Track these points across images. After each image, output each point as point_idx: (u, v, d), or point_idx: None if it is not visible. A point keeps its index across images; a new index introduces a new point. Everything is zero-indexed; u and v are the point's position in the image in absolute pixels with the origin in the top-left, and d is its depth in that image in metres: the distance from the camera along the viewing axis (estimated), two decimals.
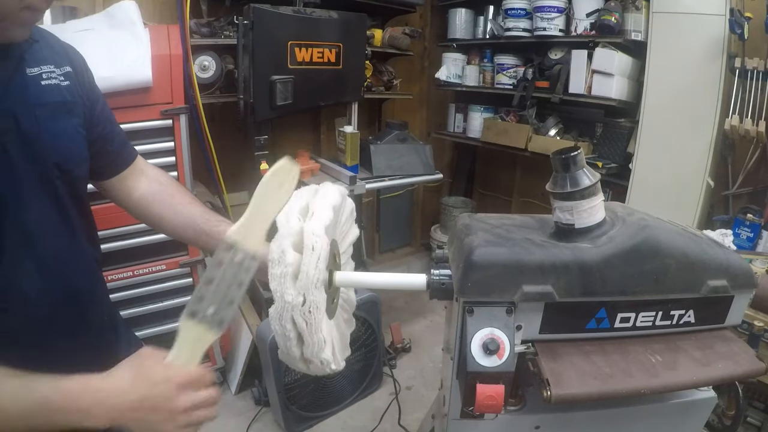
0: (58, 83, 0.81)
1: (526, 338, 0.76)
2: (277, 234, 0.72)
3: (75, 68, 0.87)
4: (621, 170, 2.54)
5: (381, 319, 2.26)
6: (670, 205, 2.24)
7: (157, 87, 1.73)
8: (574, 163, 0.76)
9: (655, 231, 0.75)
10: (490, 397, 0.68)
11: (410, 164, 2.53)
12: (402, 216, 3.63)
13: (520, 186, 3.44)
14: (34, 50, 0.80)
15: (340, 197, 0.79)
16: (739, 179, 2.27)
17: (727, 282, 0.76)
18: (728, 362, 0.75)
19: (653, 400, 0.83)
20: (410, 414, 2.16)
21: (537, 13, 2.66)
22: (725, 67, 2.05)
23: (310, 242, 0.69)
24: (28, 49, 0.78)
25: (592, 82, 2.48)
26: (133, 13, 1.74)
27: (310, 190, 0.80)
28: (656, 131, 2.26)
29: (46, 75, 0.80)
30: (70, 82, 0.84)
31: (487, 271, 0.72)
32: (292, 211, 0.73)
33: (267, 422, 2.11)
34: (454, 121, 3.45)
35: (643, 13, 2.33)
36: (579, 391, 0.69)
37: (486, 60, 3.14)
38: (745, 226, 2.15)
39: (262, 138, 2.05)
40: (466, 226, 0.84)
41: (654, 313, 0.77)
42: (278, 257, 0.69)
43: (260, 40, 1.91)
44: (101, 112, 0.94)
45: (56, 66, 0.82)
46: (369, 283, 0.86)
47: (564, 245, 0.77)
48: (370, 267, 3.12)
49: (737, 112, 2.03)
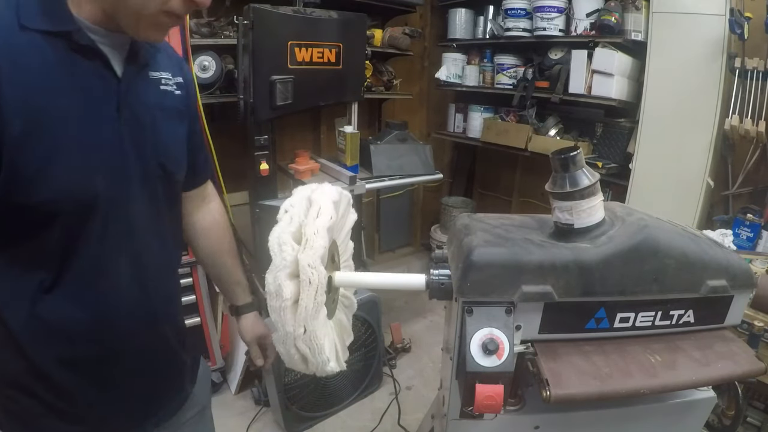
0: (173, 90, 0.86)
1: (526, 338, 0.76)
2: (271, 265, 0.71)
3: (186, 81, 0.91)
4: (621, 170, 2.54)
5: (381, 319, 2.26)
6: (670, 205, 2.24)
7: None
8: (574, 163, 0.76)
9: (654, 231, 0.75)
10: (490, 397, 0.68)
11: (410, 164, 2.53)
12: (402, 216, 3.63)
13: (519, 186, 3.44)
14: (157, 56, 0.84)
15: (334, 209, 0.78)
16: (739, 179, 2.27)
17: (726, 282, 0.76)
18: (728, 362, 0.75)
19: (653, 400, 0.83)
20: (410, 414, 2.16)
21: (537, 13, 2.66)
22: (725, 67, 2.04)
23: (307, 276, 0.68)
24: (153, 54, 0.82)
25: (592, 82, 2.48)
26: None
27: (302, 204, 0.79)
28: (656, 131, 2.26)
29: (165, 81, 0.84)
30: (181, 93, 0.88)
31: (487, 271, 0.72)
32: (285, 239, 0.73)
33: (267, 422, 2.11)
34: (454, 121, 3.45)
35: (643, 13, 2.33)
36: (578, 391, 0.69)
37: (486, 60, 3.14)
38: (745, 226, 2.15)
39: (262, 138, 2.04)
40: (465, 226, 0.84)
41: (653, 313, 0.77)
42: (275, 290, 0.69)
43: (260, 40, 1.91)
44: (197, 127, 0.99)
45: (173, 75, 0.87)
46: (369, 283, 0.86)
47: (563, 245, 0.77)
48: (370, 267, 3.12)
49: (737, 112, 2.03)
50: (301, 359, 0.72)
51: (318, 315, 0.70)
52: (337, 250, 0.89)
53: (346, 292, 0.94)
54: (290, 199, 0.80)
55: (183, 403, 0.99)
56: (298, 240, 0.73)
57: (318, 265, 0.69)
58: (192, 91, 0.94)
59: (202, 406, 1.06)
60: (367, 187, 2.32)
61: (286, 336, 0.69)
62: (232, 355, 2.32)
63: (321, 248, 0.70)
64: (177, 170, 0.87)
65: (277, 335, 0.72)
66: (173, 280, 0.97)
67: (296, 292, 0.69)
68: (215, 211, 1.10)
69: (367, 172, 2.47)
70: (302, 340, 0.69)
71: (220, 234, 1.10)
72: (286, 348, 0.71)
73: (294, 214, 0.77)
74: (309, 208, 0.77)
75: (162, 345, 0.90)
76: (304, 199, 0.79)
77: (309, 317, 0.68)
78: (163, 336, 0.89)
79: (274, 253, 0.72)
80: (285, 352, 0.72)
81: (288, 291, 0.68)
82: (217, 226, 1.09)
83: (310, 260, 0.69)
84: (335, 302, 0.86)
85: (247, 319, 1.15)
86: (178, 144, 0.87)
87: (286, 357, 0.73)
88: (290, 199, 0.81)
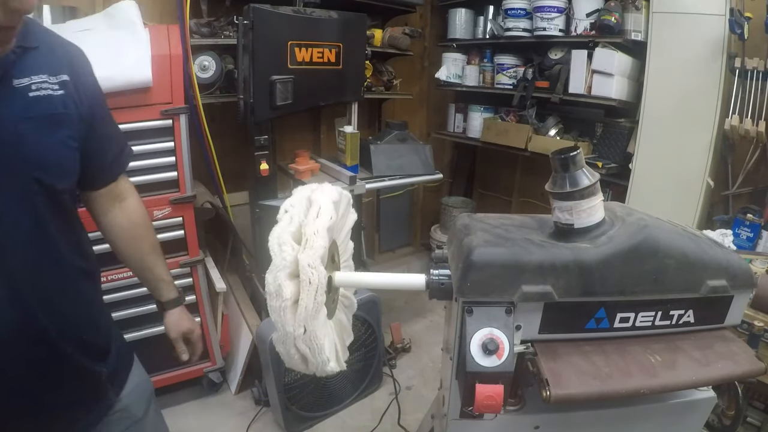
0: (49, 94, 0.79)
1: (526, 338, 0.76)
2: (271, 265, 0.71)
3: (75, 75, 0.85)
4: (621, 170, 2.54)
5: (381, 319, 2.26)
6: (670, 205, 2.24)
7: (157, 87, 1.73)
8: (574, 163, 0.76)
9: (654, 231, 0.75)
10: (490, 397, 0.68)
11: (410, 164, 2.53)
12: (402, 216, 3.63)
13: (520, 186, 3.44)
14: (27, 59, 0.77)
15: (334, 209, 0.78)
16: (739, 179, 2.27)
17: (726, 282, 0.76)
18: (728, 362, 0.75)
19: (653, 400, 0.83)
20: (410, 414, 2.16)
21: (537, 13, 2.66)
22: (725, 67, 2.04)
23: (307, 276, 0.68)
24: (17, 59, 0.76)
25: (592, 82, 2.48)
26: (133, 13, 1.74)
27: (302, 204, 0.78)
28: (656, 131, 2.26)
29: (36, 86, 0.78)
30: (65, 92, 0.81)
31: (487, 271, 0.72)
32: (285, 239, 0.73)
33: (267, 422, 2.11)
34: (454, 121, 3.45)
35: (643, 13, 2.33)
36: (578, 391, 0.69)
37: (486, 60, 3.14)
38: (745, 226, 2.15)
39: (262, 138, 2.04)
40: (465, 226, 0.84)
41: (653, 313, 0.77)
42: (275, 291, 0.69)
43: (260, 40, 1.91)
44: (101, 121, 0.92)
45: (51, 74, 0.80)
46: (369, 283, 0.86)
47: (563, 245, 0.77)
48: (370, 267, 3.12)
49: (737, 112, 2.03)
50: (301, 359, 0.72)
51: (318, 315, 0.70)
52: (337, 250, 0.89)
53: (346, 292, 0.94)
54: (290, 199, 0.80)
55: (103, 416, 0.95)
56: (298, 240, 0.73)
57: (318, 265, 0.69)
58: (85, 83, 0.87)
59: (136, 419, 1.01)
60: (367, 187, 2.32)
61: (286, 336, 0.69)
62: (232, 355, 2.32)
63: (321, 248, 0.70)
64: (58, 180, 0.81)
65: (277, 335, 0.72)
66: (76, 293, 0.89)
67: (296, 292, 0.69)
68: (131, 209, 1.06)
69: (367, 172, 2.47)
70: (302, 340, 0.69)
71: (137, 233, 1.06)
72: (286, 348, 0.71)
73: (294, 214, 0.77)
74: (309, 208, 0.77)
75: (59, 361, 0.85)
76: (304, 199, 0.79)
77: (309, 317, 0.68)
78: (60, 352, 0.84)
79: (274, 253, 0.72)
80: (285, 352, 0.72)
81: (288, 291, 0.68)
82: (133, 226, 1.06)
83: (310, 260, 0.69)
84: (335, 302, 0.86)
85: (172, 315, 1.14)
86: (55, 152, 0.81)
87: (286, 357, 0.73)
88: (290, 199, 0.81)
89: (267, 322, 2.01)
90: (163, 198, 1.85)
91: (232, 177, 2.32)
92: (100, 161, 0.94)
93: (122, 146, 1.02)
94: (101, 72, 1.34)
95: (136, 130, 1.74)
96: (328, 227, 0.73)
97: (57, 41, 0.86)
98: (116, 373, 0.98)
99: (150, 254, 1.09)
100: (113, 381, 0.97)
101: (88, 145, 0.88)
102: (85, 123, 0.86)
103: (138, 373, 1.06)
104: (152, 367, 1.80)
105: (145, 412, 1.04)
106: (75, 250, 0.89)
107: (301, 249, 0.71)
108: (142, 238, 1.07)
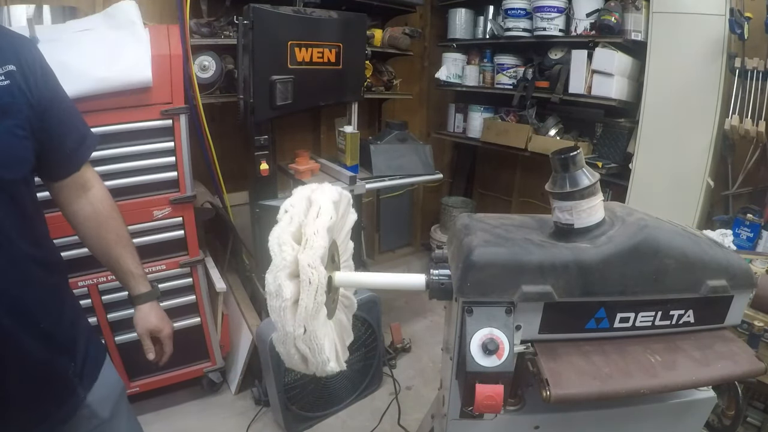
0: None
1: (526, 338, 0.76)
2: (271, 265, 0.71)
3: (22, 65, 0.85)
4: (621, 170, 2.54)
5: (381, 319, 2.26)
6: (670, 205, 2.24)
7: (157, 87, 1.73)
8: (574, 163, 0.76)
9: (654, 231, 0.75)
10: (490, 397, 0.68)
11: (410, 164, 2.53)
12: (402, 216, 3.63)
13: (520, 186, 3.44)
14: None
15: (334, 209, 0.78)
16: (739, 179, 2.27)
17: (726, 282, 0.76)
18: (728, 362, 0.75)
19: (653, 400, 0.83)
20: (410, 414, 2.16)
21: (537, 13, 2.66)
22: (725, 67, 2.04)
23: (307, 276, 0.68)
24: None
25: (592, 82, 2.48)
26: (132, 13, 1.74)
27: (302, 204, 0.78)
28: (656, 131, 2.26)
29: None
30: (10, 81, 0.82)
31: (487, 271, 0.72)
32: (285, 239, 0.73)
33: (267, 422, 2.11)
34: (454, 121, 3.45)
35: (643, 13, 2.33)
36: (578, 391, 0.69)
37: (486, 60, 3.14)
38: (745, 226, 2.15)
39: (262, 138, 2.04)
40: (465, 226, 0.84)
41: (653, 313, 0.77)
42: (275, 290, 0.69)
43: (260, 40, 1.91)
44: (58, 110, 0.92)
45: None
46: (369, 283, 0.86)
47: (563, 245, 0.77)
48: (370, 267, 3.12)
49: (737, 112, 2.03)
50: (301, 359, 0.72)
51: (318, 315, 0.70)
52: (337, 250, 0.89)
53: (346, 292, 0.94)
54: (290, 199, 0.80)
55: (72, 414, 0.94)
56: (298, 240, 0.72)
57: (318, 265, 0.69)
58: (34, 72, 0.87)
59: (102, 419, 0.99)
60: (367, 187, 2.32)
61: (286, 336, 0.69)
62: (232, 355, 2.32)
63: (321, 248, 0.70)
64: (5, 170, 0.81)
65: (277, 335, 0.72)
66: (29, 282, 0.87)
67: (296, 292, 0.69)
68: (96, 198, 1.04)
69: (367, 172, 2.47)
70: (302, 340, 0.69)
71: (102, 223, 1.04)
72: (286, 348, 0.71)
73: (294, 214, 0.76)
74: (309, 208, 0.77)
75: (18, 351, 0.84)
76: (304, 199, 0.79)
77: (309, 317, 0.68)
78: (18, 342, 0.83)
79: (274, 253, 0.72)
80: (285, 352, 0.72)
81: (288, 291, 0.68)
82: (97, 216, 1.04)
83: (310, 260, 0.69)
84: (335, 302, 0.86)
85: (141, 311, 1.11)
86: (5, 141, 0.81)
87: (286, 357, 0.73)
88: (290, 199, 0.80)
89: (267, 322, 2.01)
90: (163, 198, 1.85)
91: (232, 177, 2.32)
92: (59, 151, 0.94)
93: (83, 135, 1.01)
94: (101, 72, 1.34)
95: (136, 130, 1.74)
96: (328, 227, 0.73)
97: (1, 32, 0.87)
98: (84, 369, 0.97)
99: (116, 245, 1.06)
100: (81, 376, 0.96)
101: (43, 135, 0.88)
102: (36, 112, 0.86)
103: (108, 373, 1.04)
104: (148, 368, 1.81)
105: (112, 414, 1.02)
106: (29, 240, 0.87)
107: (301, 249, 0.71)
108: (108, 229, 1.05)
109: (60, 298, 0.96)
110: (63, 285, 1.00)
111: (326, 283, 0.71)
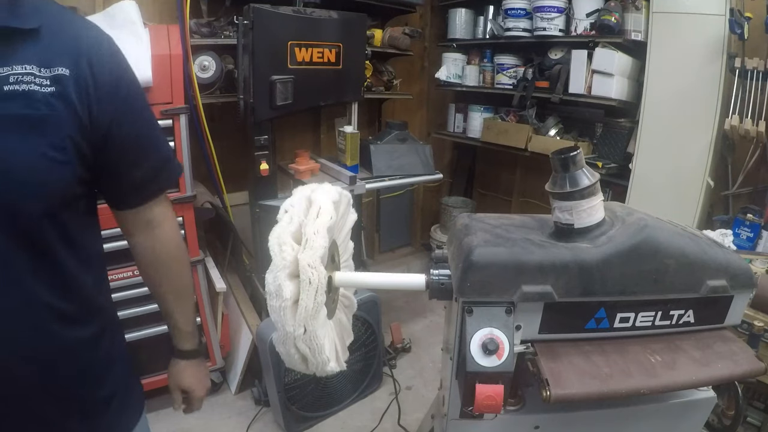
0: (31, 89, 0.63)
1: (526, 338, 0.76)
2: (271, 265, 0.71)
3: (82, 69, 0.68)
4: (621, 170, 2.54)
5: (381, 319, 2.26)
6: (670, 205, 2.24)
7: (157, 87, 1.73)
8: (574, 163, 0.76)
9: (654, 231, 0.75)
10: (490, 397, 0.68)
11: (410, 164, 2.53)
12: (402, 216, 3.63)
13: (520, 186, 3.44)
14: (14, 43, 0.63)
15: (334, 209, 0.78)
16: (739, 179, 2.27)
17: (726, 282, 0.76)
18: (728, 362, 0.75)
19: (653, 400, 0.83)
20: (410, 414, 2.16)
21: (537, 13, 2.66)
22: (725, 67, 2.04)
23: (307, 276, 0.68)
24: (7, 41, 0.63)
25: (592, 82, 2.48)
26: (133, 13, 1.74)
27: (302, 204, 0.78)
28: (656, 131, 2.26)
29: (15, 78, 0.62)
30: (55, 89, 0.65)
31: (487, 271, 0.72)
32: (285, 239, 0.72)
33: (267, 422, 2.11)
34: (454, 121, 3.45)
35: (643, 13, 2.33)
36: (578, 391, 0.69)
37: (486, 60, 3.14)
38: (745, 226, 2.15)
39: (262, 138, 2.04)
40: (465, 226, 0.84)
41: (653, 313, 0.77)
42: (275, 290, 0.69)
43: (260, 40, 1.91)
44: (129, 132, 0.75)
45: (42, 66, 0.64)
46: (369, 283, 0.86)
47: (563, 245, 0.77)
48: (370, 267, 3.12)
49: (737, 112, 2.03)
50: (301, 359, 0.72)
51: (318, 315, 0.70)
52: (337, 250, 0.89)
53: (346, 292, 0.94)
54: (290, 199, 0.80)
55: None
56: (298, 240, 0.73)
57: (318, 265, 0.69)
58: (100, 80, 0.70)
59: None
60: (367, 187, 2.32)
61: (286, 336, 0.69)
62: (232, 355, 2.32)
63: (321, 248, 0.70)
64: (22, 199, 0.64)
65: (277, 335, 0.72)
66: (51, 336, 0.72)
67: (296, 292, 0.69)
68: (159, 240, 0.88)
69: (367, 172, 2.47)
70: (302, 340, 0.69)
71: (160, 269, 0.90)
72: (286, 348, 0.71)
73: (294, 214, 0.76)
74: (309, 208, 0.77)
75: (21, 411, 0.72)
76: (304, 199, 0.79)
77: (309, 317, 0.68)
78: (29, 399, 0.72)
79: (274, 253, 0.72)
80: (285, 352, 0.72)
81: (288, 291, 0.68)
82: (156, 258, 0.89)
83: (310, 260, 0.69)
84: (335, 302, 0.86)
85: (176, 366, 1.01)
86: (18, 166, 0.63)
87: (286, 357, 0.73)
88: (290, 199, 0.80)
89: (267, 322, 2.01)
90: None
91: (232, 177, 2.32)
92: (122, 181, 0.78)
93: (160, 167, 0.83)
94: None
95: None
96: (328, 227, 0.73)
97: (68, 24, 0.70)
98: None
99: (169, 296, 0.93)
100: None
101: (101, 159, 0.73)
102: (90, 130, 0.69)
103: None
104: (152, 367, 1.80)
105: None
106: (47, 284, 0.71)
107: (301, 249, 0.71)
108: (164, 274, 0.91)
109: (91, 357, 0.80)
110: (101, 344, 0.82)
111: (326, 283, 0.71)
